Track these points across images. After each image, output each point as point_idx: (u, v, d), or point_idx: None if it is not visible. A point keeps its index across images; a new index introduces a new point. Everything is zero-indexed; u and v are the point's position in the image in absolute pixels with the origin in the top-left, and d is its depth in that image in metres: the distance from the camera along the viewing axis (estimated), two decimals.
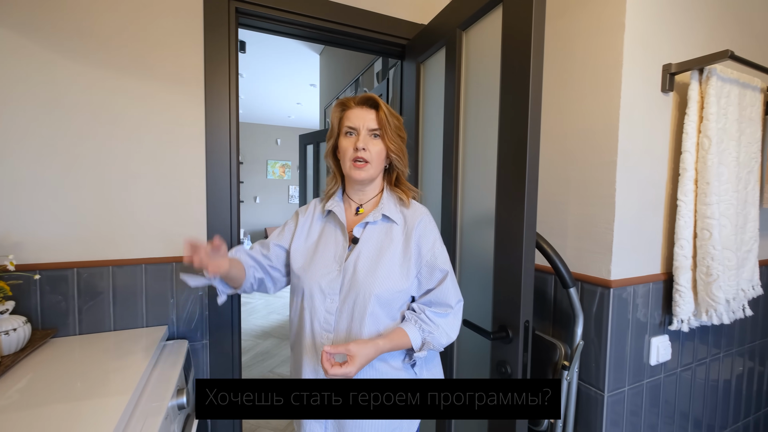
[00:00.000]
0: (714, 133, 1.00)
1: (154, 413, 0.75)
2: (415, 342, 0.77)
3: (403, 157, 0.86)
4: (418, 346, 0.77)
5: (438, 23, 1.24)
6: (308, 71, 4.29)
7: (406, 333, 0.76)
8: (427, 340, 0.78)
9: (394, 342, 0.75)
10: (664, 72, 1.03)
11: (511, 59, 0.88)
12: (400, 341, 0.76)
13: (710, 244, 1.01)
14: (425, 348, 0.78)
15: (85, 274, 1.07)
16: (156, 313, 1.15)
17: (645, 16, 0.98)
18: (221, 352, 1.23)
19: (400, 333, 0.76)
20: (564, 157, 1.12)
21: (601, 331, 1.02)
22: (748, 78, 1.10)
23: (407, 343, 0.76)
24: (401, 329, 0.77)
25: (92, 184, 1.07)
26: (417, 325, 0.78)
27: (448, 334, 0.81)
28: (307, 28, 1.34)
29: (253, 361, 3.04)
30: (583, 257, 1.07)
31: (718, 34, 1.14)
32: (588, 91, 1.04)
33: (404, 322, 0.79)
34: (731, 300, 1.10)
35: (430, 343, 0.78)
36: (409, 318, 0.80)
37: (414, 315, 0.80)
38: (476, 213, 1.10)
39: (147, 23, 1.10)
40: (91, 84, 1.05)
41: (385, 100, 2.00)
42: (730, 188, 1.07)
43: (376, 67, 2.38)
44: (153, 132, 1.12)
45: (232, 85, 1.21)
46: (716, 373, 1.28)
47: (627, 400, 1.06)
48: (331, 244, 0.84)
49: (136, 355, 0.94)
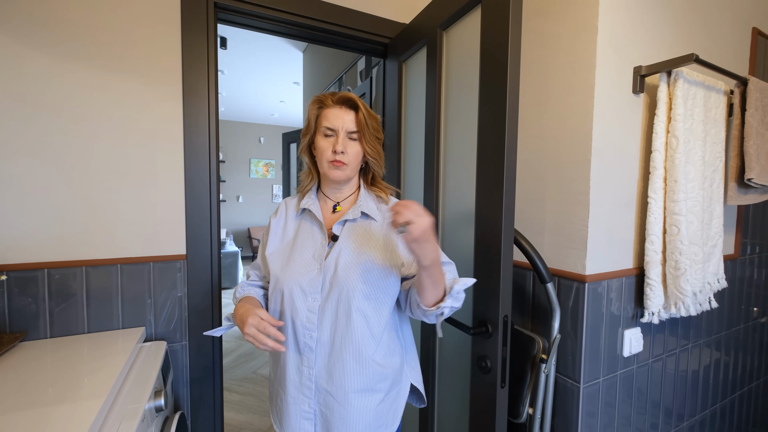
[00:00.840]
0: (681, 133, 1.04)
1: (130, 416, 0.74)
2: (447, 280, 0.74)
3: (379, 159, 0.86)
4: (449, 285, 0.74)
5: (419, 23, 1.25)
6: (291, 69, 4.25)
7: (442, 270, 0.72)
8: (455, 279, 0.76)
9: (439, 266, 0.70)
10: (634, 74, 1.07)
11: (490, 59, 0.90)
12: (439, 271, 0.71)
13: (678, 239, 1.06)
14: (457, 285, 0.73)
15: (57, 275, 1.03)
16: (133, 314, 1.12)
17: (616, 19, 1.02)
18: (202, 353, 1.21)
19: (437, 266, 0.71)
20: (542, 156, 1.14)
21: (577, 325, 1.06)
22: (712, 81, 1.15)
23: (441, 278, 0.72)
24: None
25: (63, 182, 1.03)
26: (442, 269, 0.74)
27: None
28: (288, 25, 1.33)
29: (236, 363, 2.99)
30: (560, 253, 1.10)
31: (685, 38, 1.19)
32: (564, 91, 1.07)
33: None
34: (698, 293, 1.15)
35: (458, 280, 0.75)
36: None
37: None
38: (457, 211, 1.11)
39: (120, 15, 1.07)
40: (60, 77, 1.01)
41: (368, 98, 2.00)
42: (697, 186, 1.12)
43: (359, 65, 2.38)
44: (127, 128, 1.09)
45: (212, 82, 1.19)
46: (685, 363, 1.34)
47: (602, 391, 1.10)
48: (309, 242, 0.84)
49: (111, 357, 0.91)
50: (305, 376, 0.79)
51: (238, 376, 2.78)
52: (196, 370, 1.21)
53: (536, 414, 1.07)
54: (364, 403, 0.78)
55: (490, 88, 0.90)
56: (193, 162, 1.17)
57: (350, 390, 0.78)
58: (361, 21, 1.41)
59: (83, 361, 0.90)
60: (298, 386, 0.80)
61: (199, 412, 1.22)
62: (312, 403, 0.79)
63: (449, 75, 1.14)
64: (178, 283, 1.17)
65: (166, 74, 1.13)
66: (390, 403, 0.82)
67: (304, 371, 0.79)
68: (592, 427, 1.09)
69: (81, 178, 1.05)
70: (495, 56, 0.88)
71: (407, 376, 0.87)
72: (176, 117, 1.15)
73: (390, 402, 0.82)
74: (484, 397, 0.94)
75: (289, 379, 0.80)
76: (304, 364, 0.79)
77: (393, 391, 0.83)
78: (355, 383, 0.78)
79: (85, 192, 1.06)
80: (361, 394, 0.78)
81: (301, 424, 0.80)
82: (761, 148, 1.22)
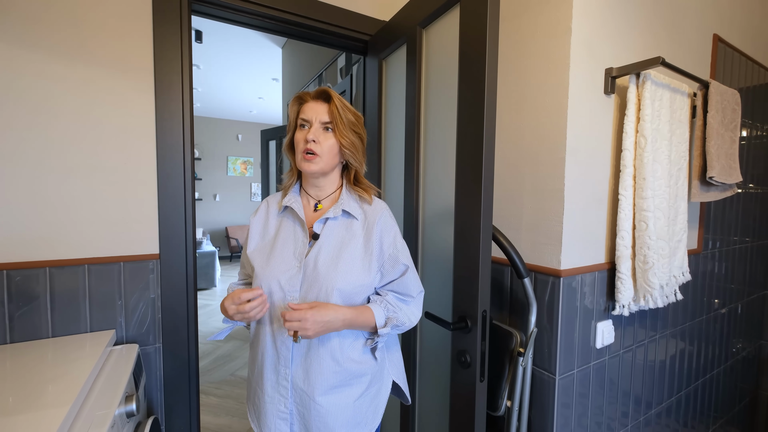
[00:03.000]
0: (649, 132, 1.09)
1: (99, 423, 0.70)
2: (379, 318, 0.78)
3: (356, 153, 0.85)
4: (382, 323, 0.79)
5: (399, 20, 1.25)
6: (270, 65, 4.17)
7: (371, 309, 0.78)
8: (391, 317, 0.80)
9: (357, 312, 0.76)
10: (606, 75, 1.10)
11: (469, 57, 0.91)
12: (364, 314, 0.77)
13: (646, 234, 1.11)
14: (389, 324, 0.79)
15: (17, 276, 0.97)
16: (102, 316, 1.07)
17: (589, 21, 1.05)
18: (176, 356, 1.17)
19: (364, 308, 0.78)
20: (519, 154, 1.17)
21: (552, 318, 1.09)
22: (677, 84, 1.21)
23: (371, 319, 0.77)
24: (365, 306, 0.78)
25: (24, 179, 0.97)
26: (382, 305, 0.80)
27: (410, 318, 0.84)
28: (266, 19, 1.30)
29: (213, 365, 2.92)
30: (536, 249, 1.13)
31: (653, 42, 1.24)
32: (540, 91, 1.10)
33: (369, 303, 0.81)
34: (665, 285, 1.21)
35: (394, 319, 0.80)
36: (373, 299, 0.82)
37: (379, 297, 0.83)
38: (437, 208, 1.12)
39: (88, 5, 1.01)
40: (19, 68, 0.95)
41: (348, 96, 1.99)
42: (663, 184, 1.17)
43: (339, 62, 2.36)
44: (95, 122, 1.04)
45: (186, 75, 1.15)
46: (653, 353, 1.40)
47: (576, 382, 1.14)
48: (290, 240, 0.83)
49: (78, 362, 0.87)
50: (282, 376, 0.78)
51: (216, 379, 2.71)
52: (171, 373, 1.17)
53: (514, 406, 1.10)
54: (340, 400, 0.78)
55: (469, 86, 0.91)
56: (167, 158, 1.13)
57: (327, 388, 0.77)
58: (341, 17, 1.40)
59: (47, 367, 0.85)
60: (274, 385, 0.79)
61: (173, 416, 1.19)
62: (288, 403, 0.78)
63: (429, 73, 1.14)
64: (151, 283, 1.13)
65: (136, 66, 1.08)
66: (370, 400, 0.82)
67: (281, 370, 0.78)
68: (567, 417, 1.12)
69: (43, 174, 0.99)
70: (473, 55, 0.89)
71: (389, 373, 0.88)
72: (148, 112, 1.10)
73: (370, 398, 0.82)
74: (464, 392, 0.95)
75: (266, 378, 0.79)
76: (281, 363, 0.78)
77: (372, 388, 0.83)
78: (332, 381, 0.78)
79: (48, 189, 1.00)
80: (337, 390, 0.78)
81: (277, 424, 0.79)
82: (721, 148, 1.29)
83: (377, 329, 0.79)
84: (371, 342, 0.83)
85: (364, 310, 0.77)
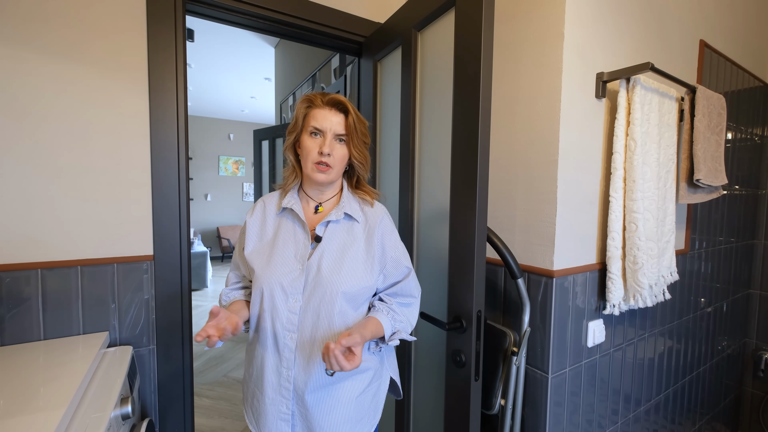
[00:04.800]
0: (639, 136, 1.11)
1: (95, 425, 0.70)
2: (388, 331, 0.80)
3: (365, 163, 0.86)
4: (389, 335, 0.80)
5: (394, 23, 1.26)
6: (263, 64, 4.15)
7: (380, 322, 0.79)
8: (397, 329, 0.81)
9: (372, 332, 0.77)
10: (597, 79, 1.13)
11: (463, 60, 0.92)
12: (376, 330, 0.78)
13: (636, 235, 1.13)
14: (395, 337, 0.81)
15: (7, 278, 0.96)
16: (95, 318, 1.06)
17: (581, 27, 1.07)
18: (170, 357, 1.17)
19: (375, 322, 0.78)
20: (513, 156, 1.19)
21: (545, 318, 1.11)
22: (666, 88, 1.24)
23: (381, 331, 0.79)
24: (375, 319, 0.79)
25: (14, 179, 0.96)
26: (389, 315, 0.81)
27: (411, 323, 0.86)
28: (260, 19, 1.30)
29: (205, 366, 2.90)
30: (530, 249, 1.14)
31: (642, 48, 1.27)
32: (535, 94, 1.12)
33: (376, 312, 0.81)
34: (654, 285, 1.24)
35: (400, 331, 0.82)
36: (380, 308, 0.82)
37: (385, 306, 0.83)
38: (432, 210, 1.13)
39: (82, 4, 1.00)
40: (11, 67, 0.94)
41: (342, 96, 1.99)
42: (652, 186, 1.20)
43: (333, 63, 2.36)
44: (88, 122, 1.03)
45: (180, 75, 1.14)
46: (642, 351, 1.43)
47: (568, 380, 1.16)
48: (291, 242, 0.82)
49: (71, 364, 0.86)
50: (284, 378, 0.78)
51: (208, 381, 2.69)
52: (165, 374, 1.16)
53: (508, 405, 1.11)
54: (343, 394, 0.80)
55: (464, 89, 0.92)
56: (161, 158, 1.12)
57: (329, 383, 0.79)
58: (336, 18, 1.40)
59: (40, 370, 0.84)
60: (276, 387, 0.79)
61: (168, 418, 1.18)
62: (290, 404, 0.78)
63: (424, 75, 1.15)
64: (145, 284, 1.12)
65: (130, 67, 1.07)
66: (371, 396, 0.83)
67: (283, 372, 0.78)
68: (559, 415, 1.15)
69: (35, 174, 0.98)
70: (468, 58, 0.91)
71: (387, 370, 0.89)
72: (142, 112, 1.09)
73: (371, 395, 0.83)
74: (458, 391, 0.97)
75: (267, 380, 0.79)
76: (283, 366, 0.78)
77: (374, 384, 0.84)
78: (334, 378, 0.79)
79: (40, 189, 0.99)
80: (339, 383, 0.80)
81: (279, 426, 0.79)
82: (707, 151, 1.32)
83: (385, 339, 0.81)
84: (376, 348, 0.85)
85: (375, 324, 0.78)
